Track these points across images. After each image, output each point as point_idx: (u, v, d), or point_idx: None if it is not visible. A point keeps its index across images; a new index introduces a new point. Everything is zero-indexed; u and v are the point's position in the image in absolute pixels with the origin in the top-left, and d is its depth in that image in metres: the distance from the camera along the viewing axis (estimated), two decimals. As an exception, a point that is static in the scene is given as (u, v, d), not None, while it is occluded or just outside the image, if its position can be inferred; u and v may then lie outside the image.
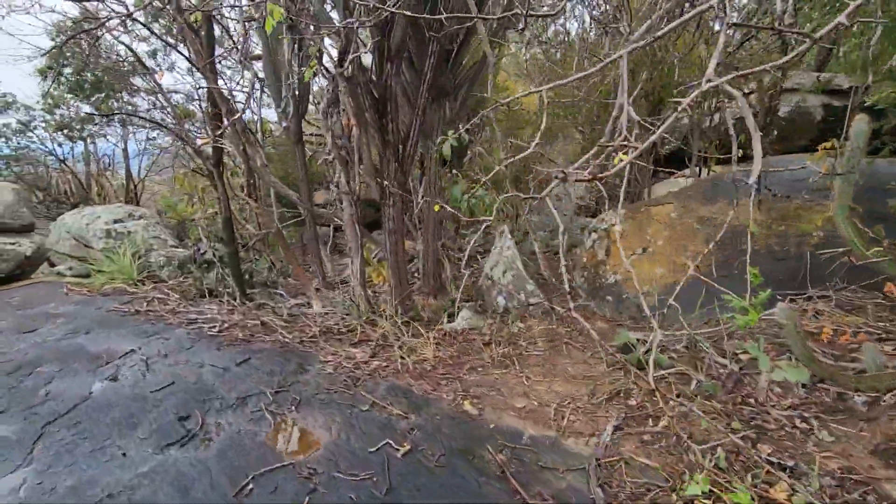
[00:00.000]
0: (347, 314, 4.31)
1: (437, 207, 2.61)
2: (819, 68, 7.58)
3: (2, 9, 4.56)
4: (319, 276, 5.26)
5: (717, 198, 4.26)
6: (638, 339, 3.07)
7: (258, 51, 5.06)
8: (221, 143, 4.28)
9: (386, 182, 3.95)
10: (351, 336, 3.90)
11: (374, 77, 3.73)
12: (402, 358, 3.38)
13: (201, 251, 6.73)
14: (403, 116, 3.99)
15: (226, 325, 4.27)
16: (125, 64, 6.66)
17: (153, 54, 6.94)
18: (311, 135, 7.19)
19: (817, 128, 6.93)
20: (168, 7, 4.00)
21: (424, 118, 3.95)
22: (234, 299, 4.97)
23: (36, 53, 6.27)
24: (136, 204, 9.97)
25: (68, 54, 6.24)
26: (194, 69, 8.01)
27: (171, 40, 6.31)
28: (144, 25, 4.63)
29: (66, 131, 7.91)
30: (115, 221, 7.08)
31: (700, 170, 5.57)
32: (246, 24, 4.89)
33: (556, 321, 3.89)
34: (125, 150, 9.91)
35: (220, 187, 4.78)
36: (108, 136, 8.99)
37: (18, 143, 8.96)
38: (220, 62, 5.42)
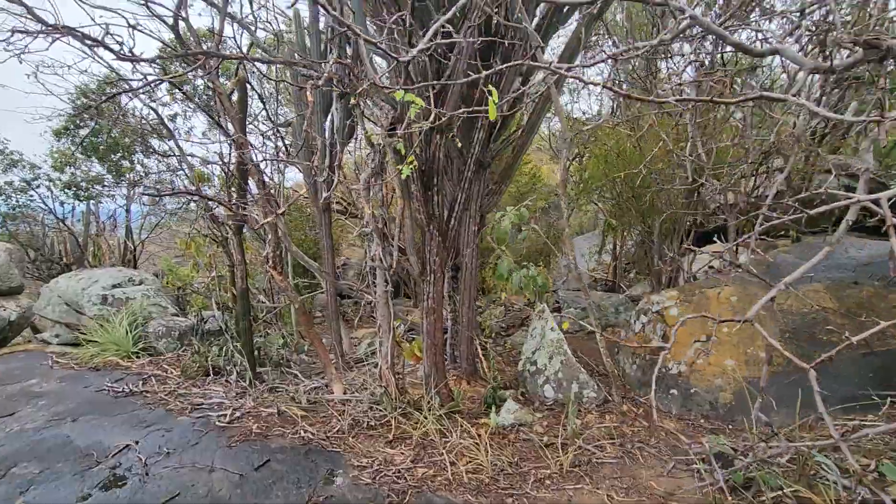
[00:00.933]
0: (376, 403, 3.82)
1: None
2: (833, 151, 7.73)
3: (29, 68, 4.43)
4: (337, 354, 4.79)
5: (776, 280, 4.00)
6: (735, 449, 2.64)
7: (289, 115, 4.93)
8: (247, 211, 4.00)
9: (428, 257, 3.65)
10: (384, 432, 3.40)
11: (420, 149, 3.54)
12: (451, 464, 2.89)
13: (204, 320, 6.25)
14: (447, 189, 3.77)
15: (237, 413, 3.74)
16: (146, 126, 6.55)
17: (173, 118, 6.87)
18: (337, 202, 6.99)
19: (841, 211, 6.90)
20: (204, 77, 3.86)
21: (470, 191, 3.73)
22: (244, 380, 4.46)
23: (56, 113, 6.16)
24: (133, 266, 9.54)
25: (87, 116, 6.12)
26: (211, 132, 7.95)
27: (193, 103, 6.24)
28: (178, 88, 4.49)
29: (74, 190, 7.64)
30: (114, 286, 6.63)
31: (737, 248, 5.38)
32: (277, 89, 4.79)
33: (618, 418, 3.45)
34: (128, 209, 9.63)
35: (239, 256, 4.44)
36: (116, 197, 8.73)
37: (18, 202, 8.65)
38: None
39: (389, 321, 3.98)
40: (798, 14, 2.73)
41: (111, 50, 2.30)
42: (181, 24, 4.01)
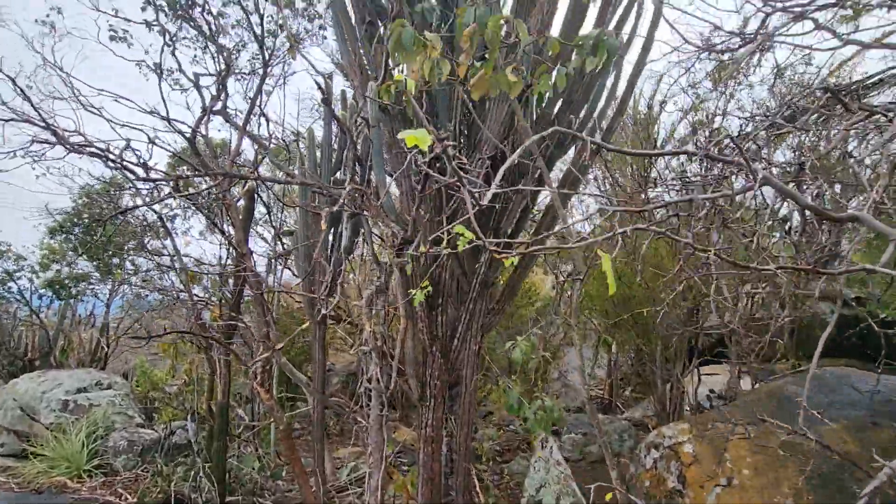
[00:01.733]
0: (361, 550, 3.34)
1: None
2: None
3: (39, 168, 4.51)
4: (318, 483, 4.31)
5: (788, 415, 3.82)
6: None
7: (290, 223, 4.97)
8: (240, 321, 3.83)
9: (429, 380, 3.45)
10: (371, 593, 2.91)
11: (427, 269, 3.51)
12: None
13: (172, 433, 5.71)
14: (450, 310, 3.68)
15: (198, 561, 3.22)
16: (145, 226, 6.55)
17: (172, 218, 6.92)
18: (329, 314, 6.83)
19: (830, 336, 6.94)
20: (215, 189, 3.94)
21: (473, 311, 3.64)
22: (210, 513, 3.93)
23: (57, 212, 6.17)
24: (103, 366, 8.97)
25: (84, 214, 6.13)
26: (209, 233, 7.98)
27: (195, 207, 6.31)
28: (187, 198, 4.55)
29: (56, 287, 7.41)
30: (79, 391, 6.13)
31: (739, 373, 5.25)
32: (281, 199, 4.89)
33: (639, 580, 3.03)
34: (108, 305, 9.30)
35: (224, 369, 4.17)
36: (99, 295, 8.47)
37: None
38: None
39: (382, 450, 3.63)
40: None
41: (132, 171, 2.31)
42: (198, 137, 4.18)
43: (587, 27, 3.31)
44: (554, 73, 2.49)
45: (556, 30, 3.25)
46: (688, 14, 3.19)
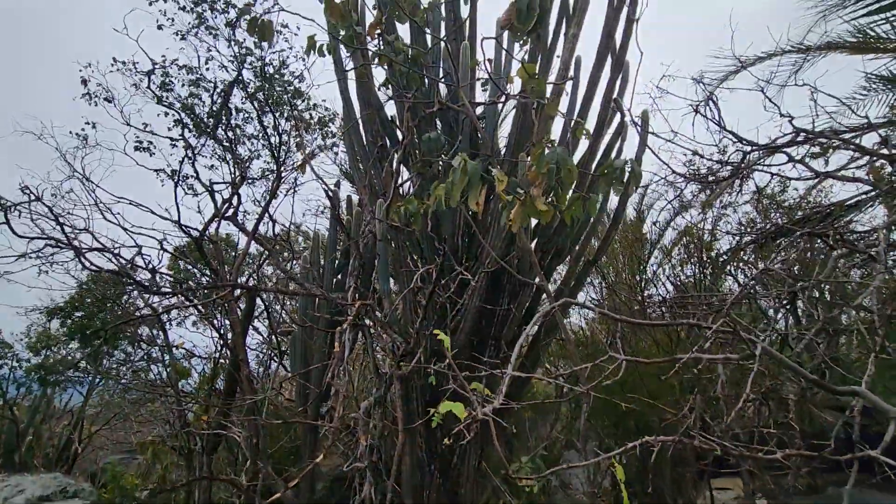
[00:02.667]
0: None
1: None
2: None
3: (42, 264, 4.56)
4: None
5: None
6: None
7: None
8: (230, 432, 3.66)
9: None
10: None
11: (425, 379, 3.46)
12: None
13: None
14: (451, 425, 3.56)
15: None
16: (139, 316, 6.48)
17: (168, 310, 6.85)
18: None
19: (842, 446, 6.70)
20: (219, 298, 3.98)
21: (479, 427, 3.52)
22: None
23: (54, 306, 6.11)
24: (69, 467, 8.35)
25: (87, 300, 6.08)
26: (202, 323, 7.88)
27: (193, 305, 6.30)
28: (197, 309, 4.57)
29: (42, 374, 7.13)
30: (41, 499, 5.64)
31: (754, 491, 4.97)
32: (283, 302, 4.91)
33: None
34: (87, 397, 8.87)
35: (206, 482, 3.91)
36: (82, 384, 8.12)
37: (-28, 383, 7.96)
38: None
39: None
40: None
41: (140, 284, 2.36)
42: (206, 240, 4.30)
43: (579, 154, 3.61)
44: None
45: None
46: (671, 142, 3.50)
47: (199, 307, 4.31)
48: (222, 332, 4.34)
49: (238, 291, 3.87)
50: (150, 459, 6.06)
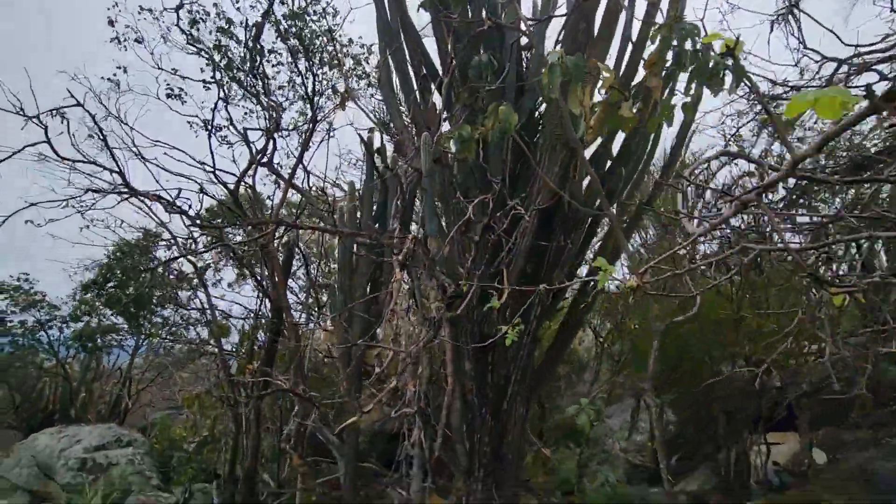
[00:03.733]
0: None
1: None
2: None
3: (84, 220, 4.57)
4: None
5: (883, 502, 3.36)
6: None
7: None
8: (277, 379, 3.64)
9: (478, 447, 3.16)
10: None
11: (475, 323, 3.32)
12: None
13: (191, 495, 5.38)
14: (499, 367, 3.44)
15: None
16: (176, 275, 6.56)
17: (205, 269, 6.91)
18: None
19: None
20: (259, 239, 3.89)
21: (525, 369, 3.39)
22: None
23: (94, 264, 6.22)
24: (122, 420, 8.73)
25: (117, 269, 6.17)
26: (238, 284, 7.95)
27: (230, 259, 6.31)
28: (233, 253, 4.52)
29: (84, 341, 7.37)
30: (97, 448, 5.88)
31: (812, 443, 4.76)
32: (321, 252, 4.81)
33: None
34: (132, 356, 9.20)
35: (255, 429, 3.93)
36: (124, 346, 8.39)
37: (25, 343, 8.31)
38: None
39: (424, 525, 3.29)
40: None
41: (185, 213, 2.25)
42: (242, 188, 4.20)
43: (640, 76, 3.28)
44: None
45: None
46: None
47: (238, 251, 4.24)
48: (263, 282, 4.28)
49: (280, 231, 3.77)
50: (196, 412, 6.24)
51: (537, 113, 3.47)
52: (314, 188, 4.83)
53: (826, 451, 4.67)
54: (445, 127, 3.39)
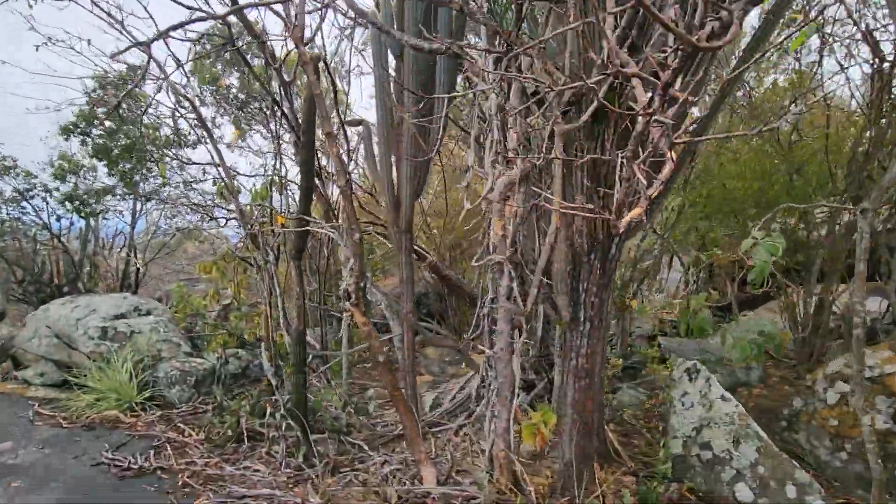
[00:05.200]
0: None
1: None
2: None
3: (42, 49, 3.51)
4: (413, 420, 3.65)
5: None
6: None
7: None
8: (321, 226, 2.95)
9: (585, 297, 2.60)
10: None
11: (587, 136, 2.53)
12: None
13: (226, 362, 5.11)
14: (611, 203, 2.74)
15: (302, 519, 2.58)
16: (172, 129, 5.57)
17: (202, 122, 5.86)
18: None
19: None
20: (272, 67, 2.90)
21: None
22: (294, 456, 3.30)
23: (66, 103, 5.13)
24: (133, 291, 8.37)
25: (101, 112, 5.13)
26: (244, 141, 6.97)
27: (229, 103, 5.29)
28: (241, 60, 3.50)
29: (75, 203, 6.55)
30: (116, 317, 5.47)
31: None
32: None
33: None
34: (133, 226, 8.51)
35: (300, 287, 3.37)
36: (124, 212, 7.63)
37: (9, 215, 7.54)
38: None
39: (513, 386, 2.88)
40: None
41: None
42: None
43: None
44: None
45: None
46: None
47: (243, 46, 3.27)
48: (284, 109, 3.38)
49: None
50: (217, 279, 5.73)
51: None
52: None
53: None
54: None
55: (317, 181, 3.67)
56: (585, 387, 2.68)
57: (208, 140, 4.63)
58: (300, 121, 3.23)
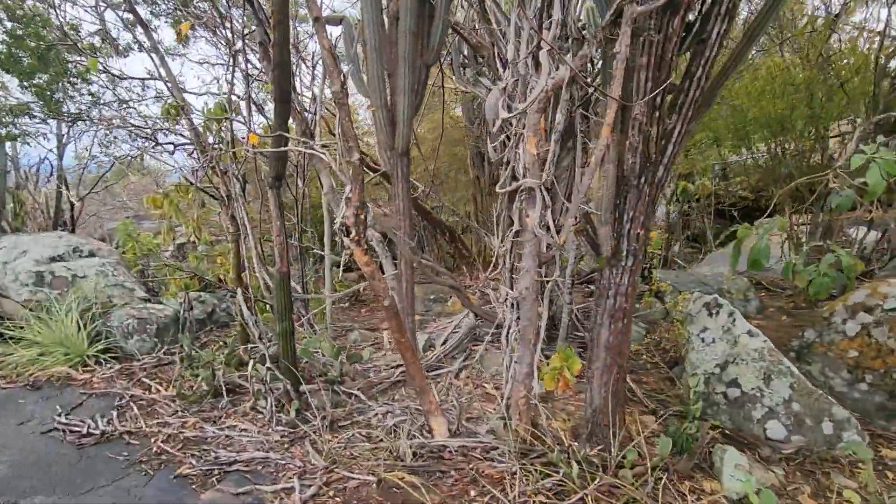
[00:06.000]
0: (526, 452, 2.45)
1: None
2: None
3: None
4: (417, 369, 3.34)
5: None
6: None
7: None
8: (312, 147, 2.39)
9: (628, 228, 2.24)
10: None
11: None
12: None
13: (191, 308, 4.56)
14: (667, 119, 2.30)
15: (306, 489, 2.24)
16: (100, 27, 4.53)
17: (136, 25, 4.80)
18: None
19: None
20: None
21: (688, 116, 2.28)
22: (284, 411, 2.93)
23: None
24: (70, 230, 7.41)
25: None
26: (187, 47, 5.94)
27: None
28: None
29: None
30: (52, 259, 4.73)
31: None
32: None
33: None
34: (60, 155, 7.37)
35: (279, 221, 2.83)
36: (48, 136, 6.49)
37: None
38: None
39: (538, 330, 2.57)
40: None
41: None
42: None
43: None
44: None
45: None
46: None
47: None
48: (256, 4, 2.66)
49: None
50: (170, 214, 5.01)
51: None
52: None
53: None
54: None
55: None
56: (623, 329, 2.40)
57: (148, 43, 3.78)
58: (270, 11, 2.54)
